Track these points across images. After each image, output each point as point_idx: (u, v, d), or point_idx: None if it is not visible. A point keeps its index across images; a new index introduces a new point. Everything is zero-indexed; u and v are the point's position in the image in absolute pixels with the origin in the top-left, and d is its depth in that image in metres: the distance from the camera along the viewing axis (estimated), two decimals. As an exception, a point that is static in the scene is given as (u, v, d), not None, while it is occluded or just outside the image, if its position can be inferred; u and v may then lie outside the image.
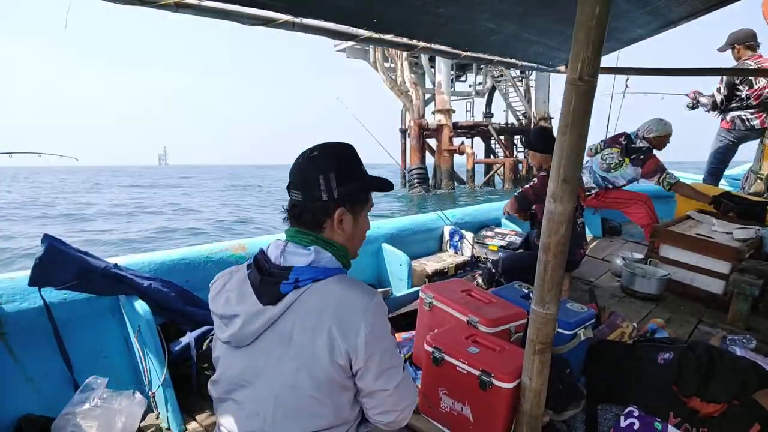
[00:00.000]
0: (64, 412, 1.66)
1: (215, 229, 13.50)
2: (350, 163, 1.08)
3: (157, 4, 1.56)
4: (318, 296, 1.00)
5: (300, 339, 0.99)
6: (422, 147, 23.43)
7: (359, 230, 1.12)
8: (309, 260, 1.02)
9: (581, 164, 1.21)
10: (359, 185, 1.08)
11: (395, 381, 1.04)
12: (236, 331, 1.03)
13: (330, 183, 1.04)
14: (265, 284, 1.02)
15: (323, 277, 1.02)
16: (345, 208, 1.07)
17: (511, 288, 2.09)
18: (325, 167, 1.05)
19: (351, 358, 0.98)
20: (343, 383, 1.01)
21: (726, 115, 4.32)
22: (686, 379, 1.64)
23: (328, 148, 1.08)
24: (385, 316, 1.04)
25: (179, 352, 1.96)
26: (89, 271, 1.87)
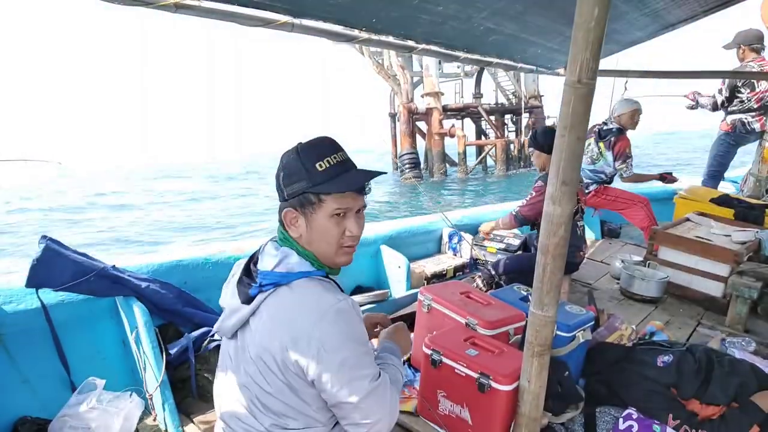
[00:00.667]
0: (60, 414, 1.66)
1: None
2: (295, 162, 1.02)
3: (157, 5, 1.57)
4: (276, 302, 1.00)
5: (260, 342, 1.01)
6: (412, 131, 23.17)
7: (317, 234, 1.03)
8: (274, 263, 1.02)
9: (580, 166, 1.21)
10: (304, 186, 1.01)
11: (360, 393, 0.98)
12: (220, 323, 1.10)
13: (280, 182, 1.04)
14: (241, 284, 1.06)
15: (285, 282, 1.01)
16: (294, 210, 1.03)
17: (509, 290, 2.08)
18: (280, 165, 1.05)
19: (302, 368, 0.97)
20: (304, 390, 1.00)
21: (726, 118, 4.32)
22: (685, 381, 1.64)
23: (295, 146, 1.06)
24: (348, 323, 0.98)
25: (177, 354, 1.95)
26: (87, 272, 1.87)
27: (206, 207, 16.80)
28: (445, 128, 23.17)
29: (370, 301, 2.70)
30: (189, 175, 28.90)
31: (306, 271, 1.03)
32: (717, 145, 4.48)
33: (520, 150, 24.46)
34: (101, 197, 19.62)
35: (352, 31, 2.17)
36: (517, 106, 25.05)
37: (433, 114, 22.83)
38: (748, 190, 4.24)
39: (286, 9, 1.82)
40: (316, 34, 2.06)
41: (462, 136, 23.38)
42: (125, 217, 15.03)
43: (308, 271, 1.03)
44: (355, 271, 3.13)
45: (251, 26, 1.83)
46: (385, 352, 1.21)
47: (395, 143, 24.78)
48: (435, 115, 22.85)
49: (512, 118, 27.05)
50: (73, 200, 18.37)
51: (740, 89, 4.12)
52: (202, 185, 24.18)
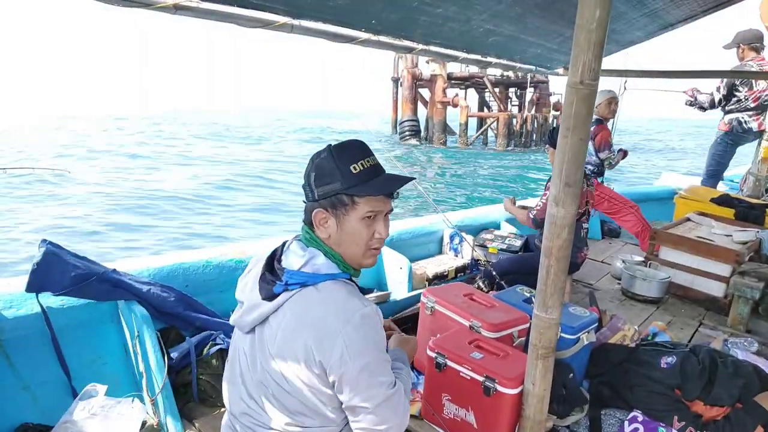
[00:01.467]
0: (62, 421, 1.64)
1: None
2: (330, 163, 1.02)
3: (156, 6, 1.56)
4: (302, 302, 1.01)
5: (282, 341, 1.01)
6: (414, 98, 22.88)
7: (347, 236, 1.04)
8: (301, 263, 1.03)
9: (583, 167, 1.21)
10: (338, 187, 1.01)
11: (376, 399, 0.99)
12: (238, 317, 1.10)
13: (311, 183, 1.04)
14: (264, 281, 1.06)
15: (312, 282, 1.01)
16: (324, 210, 1.03)
17: (513, 292, 2.08)
18: (311, 166, 1.05)
19: (325, 369, 0.97)
20: (322, 389, 1.01)
21: (724, 118, 4.33)
22: (689, 383, 1.63)
23: (326, 147, 1.06)
24: (373, 329, 0.99)
25: (179, 358, 1.94)
26: (87, 276, 1.85)
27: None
28: (448, 97, 22.82)
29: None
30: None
31: (333, 273, 1.04)
32: (715, 144, 4.49)
33: (522, 125, 24.11)
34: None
35: (352, 32, 2.17)
36: (522, 79, 24.52)
37: (437, 81, 22.43)
38: (748, 189, 4.25)
39: (285, 10, 1.81)
40: (315, 35, 2.06)
41: (465, 106, 23.01)
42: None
43: (335, 273, 1.04)
44: (355, 273, 3.11)
45: (251, 27, 1.83)
46: (396, 361, 1.21)
47: (396, 109, 24.36)
48: (439, 83, 22.45)
49: (516, 92, 26.69)
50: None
51: (738, 88, 4.13)
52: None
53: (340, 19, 2.03)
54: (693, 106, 4.48)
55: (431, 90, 22.94)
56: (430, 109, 23.50)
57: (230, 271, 2.35)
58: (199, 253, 2.39)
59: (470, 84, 25.89)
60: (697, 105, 4.42)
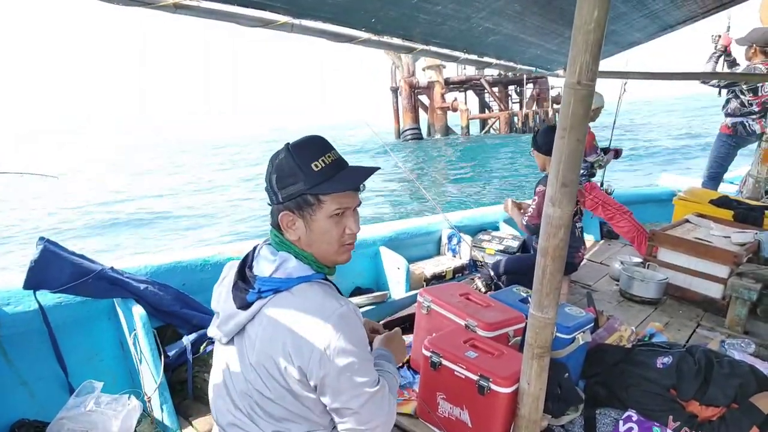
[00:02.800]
0: (58, 417, 1.65)
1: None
2: (290, 163, 0.99)
3: (156, 5, 1.56)
4: (277, 308, 0.99)
5: (261, 349, 0.99)
6: (414, 106, 23.10)
7: (317, 235, 1.02)
8: (272, 268, 1.00)
9: (579, 168, 1.21)
10: (302, 187, 0.98)
11: (360, 399, 0.98)
12: (215, 328, 1.09)
13: (273, 185, 1.01)
14: (237, 289, 1.04)
15: (285, 287, 0.99)
16: (291, 212, 1.01)
17: (509, 292, 2.08)
18: (272, 168, 1.02)
19: (305, 373, 0.96)
20: (305, 394, 0.99)
21: (727, 120, 4.30)
22: (685, 382, 1.64)
23: (284, 147, 1.03)
24: (351, 328, 0.97)
25: (175, 356, 1.94)
26: (84, 273, 1.86)
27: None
28: (447, 102, 22.94)
29: (369, 303, 2.70)
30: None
31: (306, 276, 1.01)
32: (717, 146, 4.46)
33: (524, 122, 24.17)
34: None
35: (352, 32, 2.17)
36: (520, 76, 24.57)
37: (434, 88, 22.63)
38: (747, 191, 4.25)
39: (285, 9, 1.82)
40: (315, 34, 2.06)
41: (465, 110, 23.20)
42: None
43: (308, 275, 1.02)
44: (354, 273, 3.12)
45: (251, 27, 1.83)
46: (380, 359, 1.20)
47: (397, 118, 24.60)
48: (437, 89, 22.64)
49: (516, 89, 26.74)
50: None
51: (743, 91, 4.06)
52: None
53: (339, 18, 2.04)
54: (717, 48, 4.08)
55: (430, 96, 23.10)
56: (431, 116, 23.70)
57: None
58: (197, 251, 2.39)
59: (468, 87, 25.97)
60: (714, 57, 4.11)
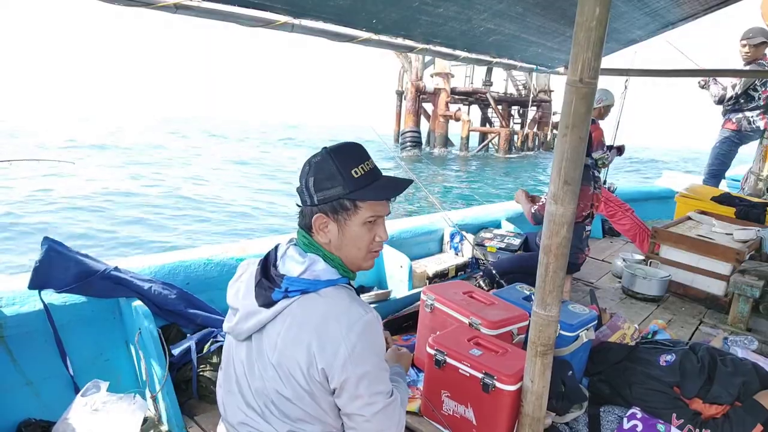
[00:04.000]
0: (64, 417, 1.65)
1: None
2: (330, 167, 1.01)
3: (157, 5, 1.57)
4: (304, 309, 0.99)
5: (283, 348, 0.99)
6: (417, 110, 23.03)
7: (348, 240, 1.04)
8: (301, 270, 1.01)
9: (582, 166, 1.21)
10: (340, 192, 1.00)
11: (374, 408, 0.99)
12: (234, 325, 1.08)
13: (309, 188, 1.02)
14: (261, 287, 1.04)
15: (313, 289, 1.00)
16: (325, 215, 1.02)
17: (512, 289, 2.08)
18: (309, 170, 1.03)
19: (327, 376, 0.97)
20: (324, 396, 1.00)
21: (731, 116, 4.28)
22: (688, 380, 1.64)
23: (323, 150, 1.05)
24: (374, 337, 0.99)
25: (180, 355, 1.95)
26: (89, 273, 1.87)
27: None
28: (450, 111, 22.90)
29: (372, 301, 2.70)
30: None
31: (333, 279, 1.03)
32: (720, 143, 4.44)
33: (523, 142, 24.22)
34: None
35: (352, 31, 2.17)
36: (525, 98, 24.71)
37: (440, 95, 22.60)
38: (749, 188, 4.24)
39: (286, 9, 1.82)
40: (316, 34, 2.06)
41: (467, 121, 23.15)
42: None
43: (335, 279, 1.03)
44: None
45: (251, 27, 1.83)
46: (395, 375, 1.21)
47: (398, 121, 24.55)
48: (442, 97, 22.61)
49: (519, 110, 26.85)
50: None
51: (756, 88, 4.05)
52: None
53: (340, 18, 2.04)
54: (705, 89, 4.34)
55: (434, 103, 23.12)
56: (432, 123, 23.66)
57: (231, 269, 2.35)
58: (201, 250, 2.40)
59: (473, 100, 26.00)
60: (708, 90, 4.28)
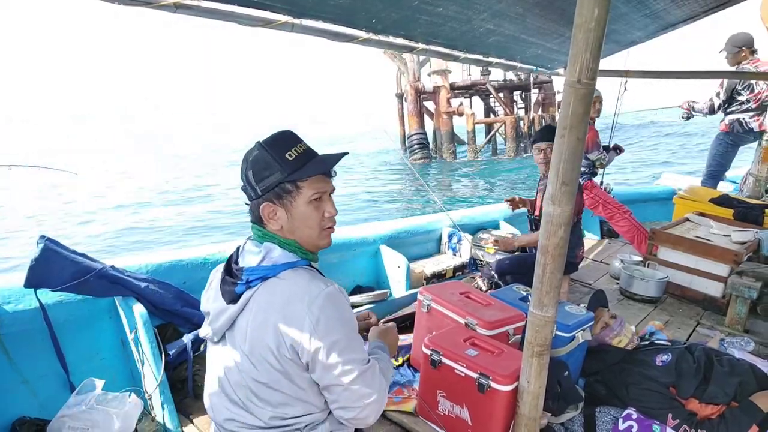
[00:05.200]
0: (59, 415, 1.65)
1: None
2: (264, 157, 1.05)
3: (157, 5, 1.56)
4: (267, 293, 1.03)
5: (252, 336, 1.03)
6: (420, 111, 22.81)
7: (299, 222, 1.07)
8: (258, 259, 1.05)
9: (580, 167, 1.21)
10: (279, 177, 1.04)
11: (350, 376, 1.01)
12: (208, 327, 1.12)
13: (250, 181, 1.06)
14: (225, 284, 1.08)
15: (272, 274, 1.04)
16: (271, 203, 1.06)
17: (509, 290, 2.08)
18: (247, 165, 1.07)
19: (297, 351, 1.00)
20: (300, 376, 1.03)
21: (724, 119, 4.34)
22: (684, 380, 1.64)
23: (256, 145, 1.08)
24: (338, 308, 1.02)
25: (176, 354, 1.95)
26: (85, 272, 1.86)
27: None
28: (453, 107, 22.71)
29: (369, 301, 2.70)
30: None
31: (291, 262, 1.06)
32: (716, 144, 4.49)
33: (530, 127, 23.96)
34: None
35: (352, 31, 2.17)
36: (526, 81, 24.37)
37: (440, 92, 22.47)
38: (748, 190, 4.25)
39: (286, 9, 1.82)
40: (316, 34, 2.06)
41: (471, 114, 22.92)
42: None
43: (293, 261, 1.07)
44: (354, 271, 3.12)
45: (251, 26, 1.83)
46: (375, 349, 1.23)
47: (403, 124, 24.45)
48: (443, 94, 22.48)
49: (521, 95, 26.63)
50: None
51: (740, 92, 4.15)
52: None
53: (340, 18, 2.03)
54: (690, 118, 4.54)
55: (435, 102, 22.97)
56: (436, 121, 23.46)
57: None
58: (197, 250, 2.40)
59: (474, 92, 25.87)
60: (694, 116, 4.48)
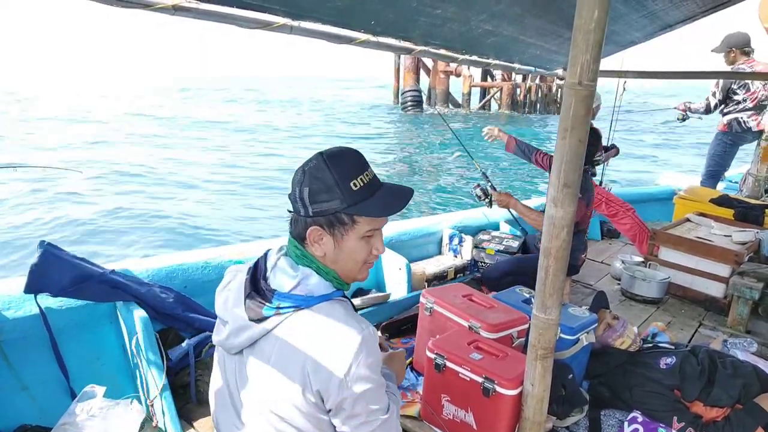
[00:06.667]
0: (60, 422, 1.64)
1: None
2: (326, 178, 0.95)
3: (155, 7, 1.56)
4: (296, 327, 0.96)
5: (277, 366, 0.96)
6: (417, 67, 22.55)
7: (345, 254, 0.99)
8: (293, 284, 0.97)
9: (582, 169, 1.21)
10: (338, 206, 0.95)
11: (371, 426, 0.97)
12: (224, 339, 1.04)
13: (304, 198, 0.97)
14: (252, 300, 0.99)
15: (305, 305, 0.96)
16: (321, 228, 0.97)
17: (512, 292, 2.08)
18: (303, 179, 0.97)
19: (323, 397, 0.94)
20: (318, 416, 0.98)
21: (723, 118, 4.36)
22: (689, 383, 1.63)
23: (315, 158, 0.98)
24: (371, 355, 0.95)
25: (178, 359, 1.94)
26: (86, 277, 1.85)
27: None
28: (451, 67, 22.53)
29: (370, 304, 2.69)
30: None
31: (327, 294, 0.99)
32: (714, 144, 4.50)
33: (526, 95, 23.67)
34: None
35: (351, 33, 2.17)
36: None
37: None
38: (747, 190, 4.26)
39: (284, 11, 1.81)
40: (314, 36, 2.05)
41: (468, 76, 22.69)
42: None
43: (329, 293, 0.99)
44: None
45: (250, 28, 1.83)
46: (386, 380, 1.17)
47: (398, 78, 24.08)
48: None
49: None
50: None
51: (736, 91, 4.18)
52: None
53: (339, 20, 2.03)
54: (686, 120, 4.58)
55: (433, 59, 22.81)
56: (433, 79, 23.09)
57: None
58: (198, 254, 2.39)
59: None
60: (690, 116, 4.52)
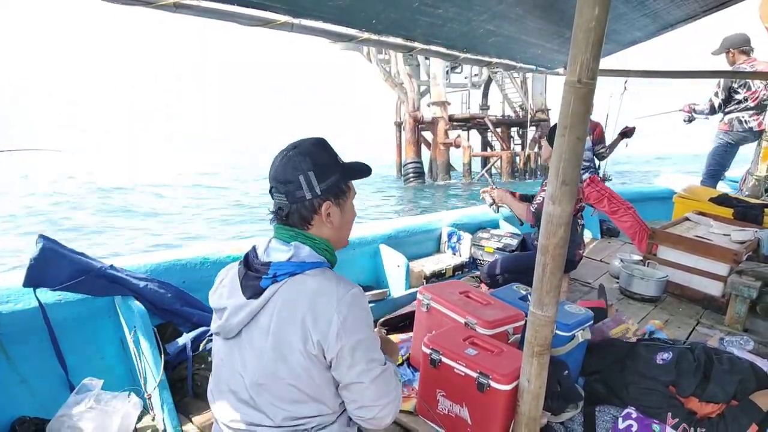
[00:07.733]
0: (58, 414, 1.65)
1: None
2: (326, 158, 1.11)
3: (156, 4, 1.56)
4: (294, 288, 1.04)
5: (277, 330, 1.03)
6: (417, 140, 23.04)
7: (346, 220, 1.16)
8: (288, 255, 1.07)
9: (580, 166, 1.21)
10: (338, 177, 1.11)
11: (372, 374, 1.04)
12: (223, 322, 1.11)
13: (311, 181, 1.08)
14: (248, 279, 1.08)
15: (300, 271, 1.06)
16: (331, 202, 1.10)
17: (509, 289, 2.08)
18: (303, 166, 1.08)
19: (323, 347, 1.01)
20: (321, 374, 1.04)
21: (724, 118, 4.36)
22: (684, 379, 1.64)
23: (301, 146, 1.11)
24: (363, 309, 1.06)
25: (175, 353, 1.95)
26: (84, 271, 1.86)
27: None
28: (450, 138, 23.06)
29: (369, 301, 2.69)
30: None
31: (318, 261, 1.09)
32: (715, 144, 4.50)
33: (525, 163, 24.20)
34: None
35: (352, 31, 2.17)
36: (523, 118, 24.93)
37: (439, 123, 22.83)
38: (747, 189, 4.26)
39: (285, 9, 1.82)
40: (315, 34, 2.06)
41: (467, 146, 23.20)
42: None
43: (320, 261, 1.10)
44: (354, 270, 3.12)
45: (251, 26, 1.83)
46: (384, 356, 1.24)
47: (400, 152, 24.73)
48: (441, 125, 22.84)
49: (518, 131, 26.98)
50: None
51: (737, 90, 4.18)
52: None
53: (340, 18, 2.03)
54: (692, 122, 4.57)
55: (433, 132, 23.23)
56: (433, 151, 23.67)
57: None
58: (196, 249, 2.39)
59: (472, 125, 26.07)
60: (696, 118, 4.52)
